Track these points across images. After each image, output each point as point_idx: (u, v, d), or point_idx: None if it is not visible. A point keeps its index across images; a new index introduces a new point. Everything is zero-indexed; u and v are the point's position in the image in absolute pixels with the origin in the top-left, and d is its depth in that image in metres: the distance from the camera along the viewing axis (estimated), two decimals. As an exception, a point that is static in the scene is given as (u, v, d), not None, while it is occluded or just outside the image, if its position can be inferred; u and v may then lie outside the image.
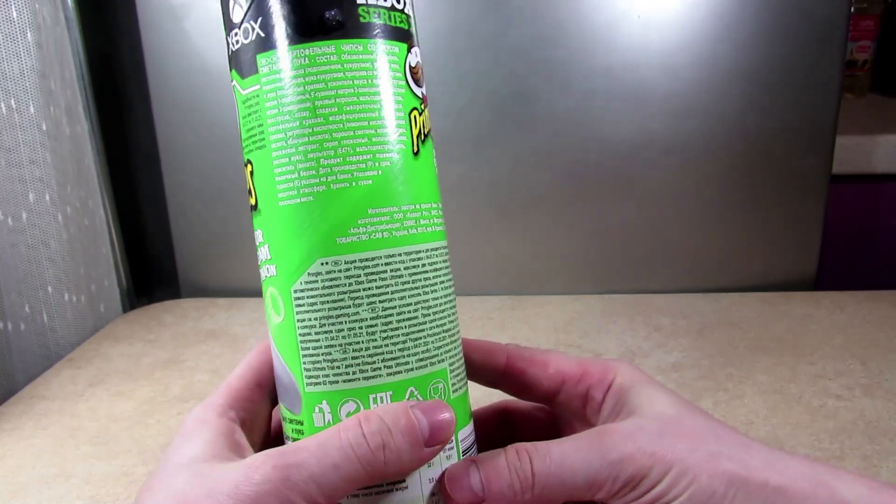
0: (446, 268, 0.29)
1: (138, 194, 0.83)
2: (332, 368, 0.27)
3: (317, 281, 0.26)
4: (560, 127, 0.72)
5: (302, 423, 0.27)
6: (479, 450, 0.31)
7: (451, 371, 0.28)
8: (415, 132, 0.27)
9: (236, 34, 0.28)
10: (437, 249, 0.28)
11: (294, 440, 0.28)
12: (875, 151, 0.83)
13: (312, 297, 0.27)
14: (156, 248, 0.84)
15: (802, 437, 0.47)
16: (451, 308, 0.29)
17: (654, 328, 0.66)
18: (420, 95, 0.28)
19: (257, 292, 0.91)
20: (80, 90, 0.71)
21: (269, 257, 0.28)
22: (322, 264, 0.26)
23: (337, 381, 0.27)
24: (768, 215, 0.74)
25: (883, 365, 0.57)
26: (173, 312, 0.75)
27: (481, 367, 0.32)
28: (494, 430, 0.34)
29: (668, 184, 0.74)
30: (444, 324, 0.28)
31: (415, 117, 0.28)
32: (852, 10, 0.76)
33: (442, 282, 0.28)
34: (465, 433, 0.29)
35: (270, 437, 0.31)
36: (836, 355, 0.59)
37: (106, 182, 0.77)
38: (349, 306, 0.26)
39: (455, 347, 0.29)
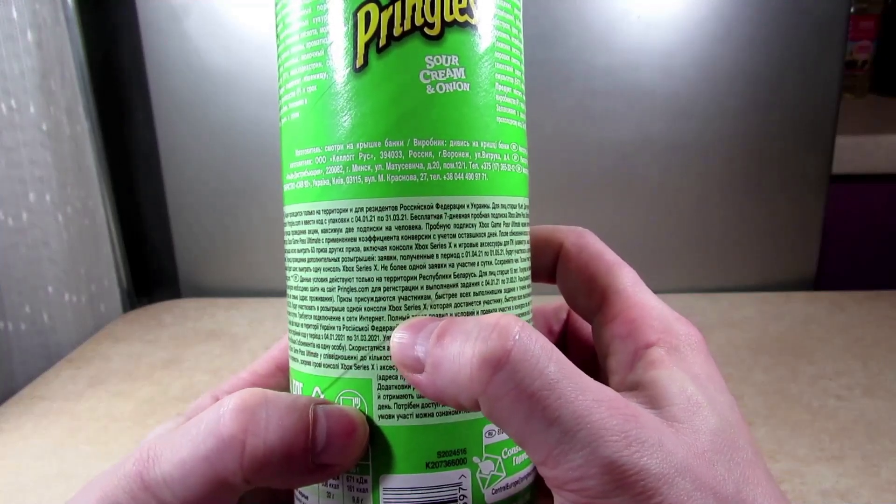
0: (410, 239, 0.20)
1: (138, 194, 0.83)
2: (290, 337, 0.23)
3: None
4: (560, 127, 0.72)
5: None
6: None
7: (382, 387, 0.20)
8: (362, 38, 0.19)
9: None
10: (381, 210, 0.20)
11: None
12: (875, 151, 0.83)
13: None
14: (156, 248, 0.84)
15: (802, 437, 0.47)
16: (402, 300, 0.20)
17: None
18: None
19: (257, 292, 0.91)
20: (80, 90, 0.71)
21: None
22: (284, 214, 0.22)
23: (290, 355, 0.23)
24: (768, 215, 0.74)
25: (883, 365, 0.57)
26: (173, 312, 0.75)
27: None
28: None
29: (667, 184, 0.74)
30: (380, 318, 0.20)
31: (367, 14, 0.19)
32: (852, 10, 0.75)
33: (389, 258, 0.20)
34: (399, 485, 0.20)
35: None
36: (836, 355, 0.59)
37: (106, 182, 0.77)
38: (287, 269, 0.22)
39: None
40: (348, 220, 0.20)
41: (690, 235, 0.75)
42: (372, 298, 0.20)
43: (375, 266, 0.20)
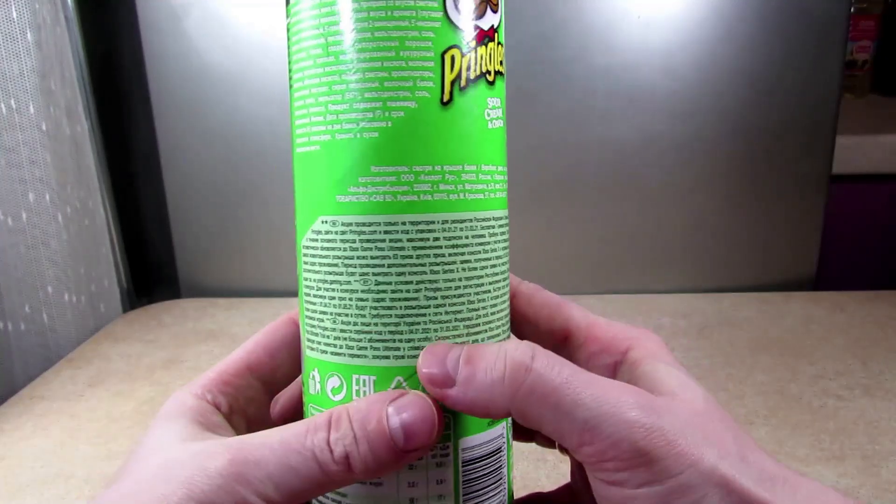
0: (479, 245, 0.24)
1: (138, 194, 0.83)
2: (324, 336, 0.25)
3: (317, 240, 0.24)
4: (560, 127, 0.72)
5: (303, 385, 0.26)
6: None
7: None
8: (448, 76, 0.23)
9: None
10: (462, 222, 0.24)
11: (304, 403, 0.26)
12: (875, 151, 0.83)
13: (314, 256, 0.25)
14: (156, 248, 0.84)
15: (802, 437, 0.47)
16: (475, 294, 0.24)
17: (655, 328, 0.66)
18: (467, 28, 0.23)
19: (257, 292, 0.91)
20: (80, 90, 0.71)
21: (294, 207, 0.26)
22: (322, 223, 0.24)
23: (326, 352, 0.25)
24: (768, 215, 0.74)
25: (883, 365, 0.57)
26: (173, 312, 0.75)
27: None
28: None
29: (668, 184, 0.74)
30: (460, 311, 0.24)
31: (452, 58, 0.23)
32: (852, 10, 0.76)
33: (467, 262, 0.24)
34: (472, 444, 0.25)
35: (269, 423, 0.28)
36: (836, 355, 0.59)
37: (106, 182, 0.77)
38: (342, 273, 0.24)
39: (472, 342, 0.25)
40: (435, 230, 0.23)
41: (691, 235, 0.76)
42: (455, 296, 0.24)
43: (457, 269, 0.24)
